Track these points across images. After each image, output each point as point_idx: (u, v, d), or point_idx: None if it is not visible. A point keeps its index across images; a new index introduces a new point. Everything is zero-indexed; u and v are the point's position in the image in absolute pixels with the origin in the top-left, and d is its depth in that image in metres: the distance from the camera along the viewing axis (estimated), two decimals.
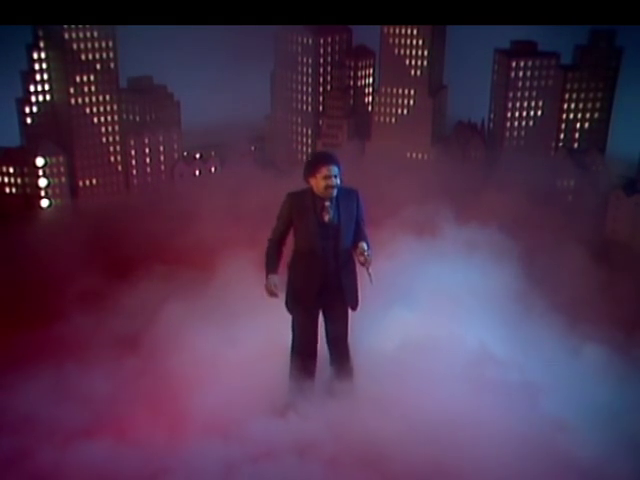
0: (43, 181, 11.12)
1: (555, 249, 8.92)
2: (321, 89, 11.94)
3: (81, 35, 10.79)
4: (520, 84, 11.55)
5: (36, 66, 11.01)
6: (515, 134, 11.82)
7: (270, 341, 5.73)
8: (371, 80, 12.16)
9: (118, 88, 11.34)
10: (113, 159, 11.68)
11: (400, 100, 11.93)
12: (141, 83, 11.69)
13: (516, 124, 11.78)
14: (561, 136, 11.85)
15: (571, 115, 11.74)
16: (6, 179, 11.23)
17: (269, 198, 5.43)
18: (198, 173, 11.96)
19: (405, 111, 11.98)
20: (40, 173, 11.08)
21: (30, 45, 10.97)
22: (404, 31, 11.49)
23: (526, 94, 11.62)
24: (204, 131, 12.00)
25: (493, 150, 11.88)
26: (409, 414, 4.97)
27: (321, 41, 11.67)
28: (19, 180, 11.21)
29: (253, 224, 7.75)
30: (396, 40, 11.58)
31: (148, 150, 11.76)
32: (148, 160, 11.81)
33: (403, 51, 11.61)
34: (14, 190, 11.26)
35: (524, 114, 11.74)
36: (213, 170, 11.98)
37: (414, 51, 11.57)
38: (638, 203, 10.60)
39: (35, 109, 11.19)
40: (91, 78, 11.06)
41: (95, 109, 11.27)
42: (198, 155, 12.11)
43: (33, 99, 11.14)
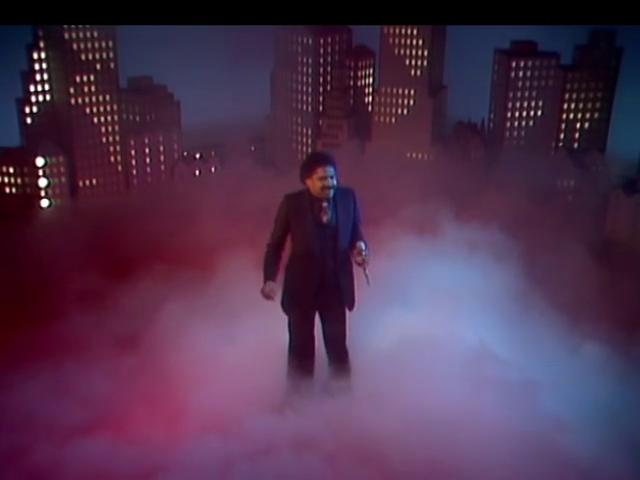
0: (43, 181, 11.13)
1: (555, 249, 8.92)
2: (321, 89, 11.94)
3: (81, 35, 10.80)
4: (520, 84, 11.56)
5: (36, 66, 11.01)
6: (515, 134, 11.83)
7: (269, 340, 5.72)
8: (371, 80, 12.17)
9: (118, 88, 11.35)
10: (113, 159, 11.68)
11: (400, 100, 11.93)
12: (141, 83, 11.70)
13: (516, 124, 11.79)
14: (561, 136, 11.86)
15: (571, 115, 11.74)
16: (6, 179, 11.24)
17: (269, 198, 5.41)
18: (198, 173, 11.97)
19: (405, 111, 11.98)
20: (40, 173, 11.09)
21: (30, 45, 10.98)
22: (404, 31, 11.50)
23: (526, 94, 11.63)
24: (204, 131, 12.01)
25: (493, 150, 11.89)
26: (408, 412, 4.96)
27: (321, 41, 11.67)
28: (19, 180, 11.22)
29: (253, 224, 7.76)
30: (396, 40, 11.58)
31: (148, 150, 11.76)
32: (148, 160, 11.81)
33: (403, 51, 11.61)
34: (14, 190, 11.27)
35: (524, 114, 11.74)
36: (213, 170, 11.99)
37: (414, 51, 11.57)
38: (638, 203, 10.61)
39: (35, 109, 11.20)
40: (91, 78, 11.07)
41: (95, 109, 11.28)
42: (198, 155, 12.13)
43: (33, 99, 11.15)
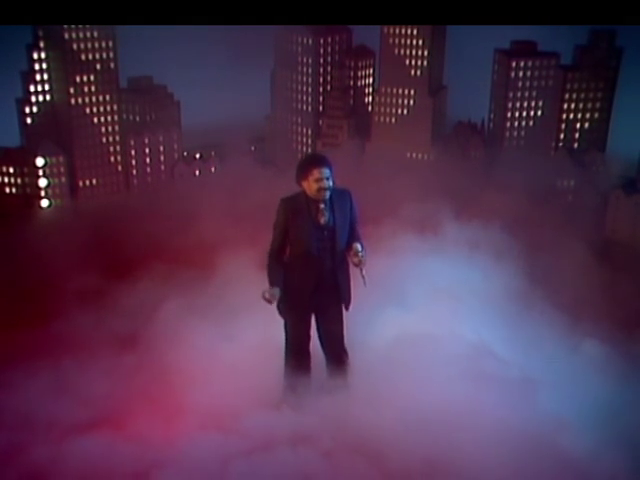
0: (43, 181, 11.14)
1: (555, 248, 8.92)
2: (321, 89, 11.95)
3: (81, 35, 10.82)
4: (520, 84, 11.56)
5: (36, 66, 11.03)
6: (515, 134, 11.83)
7: (267, 338, 5.72)
8: (371, 80, 12.18)
9: (118, 88, 11.37)
10: (113, 159, 11.69)
11: (400, 100, 11.94)
12: (141, 83, 11.72)
13: (516, 124, 11.79)
14: (561, 136, 11.86)
15: (571, 115, 11.74)
16: (6, 179, 11.25)
17: (269, 198, 5.39)
18: (198, 173, 11.97)
19: (405, 111, 11.98)
20: (40, 173, 11.10)
21: (30, 45, 11.00)
22: (404, 31, 11.51)
23: (526, 94, 11.63)
24: (204, 131, 12.01)
25: (493, 150, 11.89)
26: (406, 411, 4.94)
27: (321, 41, 11.68)
28: (19, 180, 11.23)
29: (253, 224, 7.74)
30: (396, 40, 11.59)
31: (148, 150, 11.77)
32: (148, 160, 11.82)
33: (403, 51, 11.62)
34: (14, 190, 11.28)
35: (524, 114, 11.75)
36: (213, 170, 11.99)
37: (414, 51, 11.58)
38: (638, 203, 10.62)
39: (35, 109, 11.21)
40: (91, 78, 11.09)
41: (95, 109, 11.29)
42: (198, 155, 12.14)
43: (33, 99, 11.16)
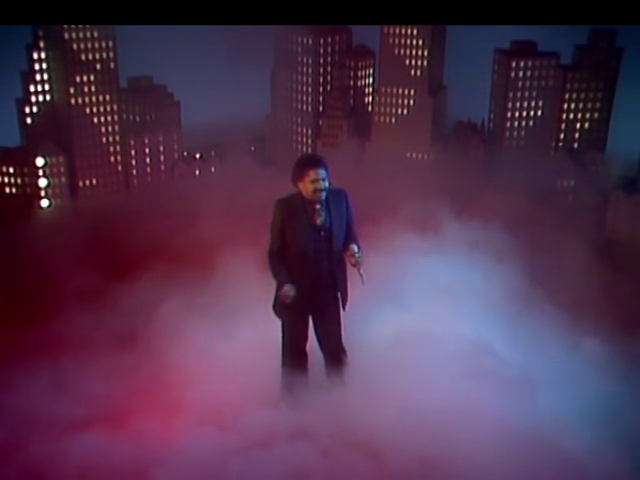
0: (43, 181, 11.14)
1: (555, 248, 8.92)
2: (321, 89, 11.95)
3: (81, 35, 10.81)
4: (520, 84, 11.56)
5: (36, 66, 11.03)
6: (515, 134, 11.83)
7: (267, 337, 5.73)
8: (371, 80, 12.18)
9: (118, 88, 11.37)
10: (113, 159, 11.69)
11: (400, 100, 11.94)
12: (141, 83, 11.71)
13: (516, 124, 11.79)
14: (561, 136, 11.85)
15: (571, 115, 11.74)
16: (6, 179, 11.25)
17: (268, 198, 5.38)
18: (198, 173, 11.97)
19: (405, 111, 11.98)
20: (40, 173, 11.10)
21: (30, 45, 10.99)
22: (404, 31, 11.51)
23: (526, 94, 11.63)
24: (204, 131, 12.01)
25: (493, 150, 11.89)
26: (404, 409, 4.96)
27: (321, 41, 11.68)
28: (19, 180, 11.23)
29: (252, 223, 7.74)
30: (396, 40, 11.59)
31: (148, 150, 11.77)
32: (148, 160, 11.82)
33: (403, 51, 11.62)
34: (14, 190, 11.28)
35: (524, 114, 11.74)
36: (213, 170, 11.99)
37: (414, 51, 11.58)
38: (638, 203, 10.61)
39: (35, 109, 11.21)
40: (91, 78, 11.09)
41: (95, 109, 11.29)
42: (198, 155, 12.13)
43: (33, 99, 11.16)
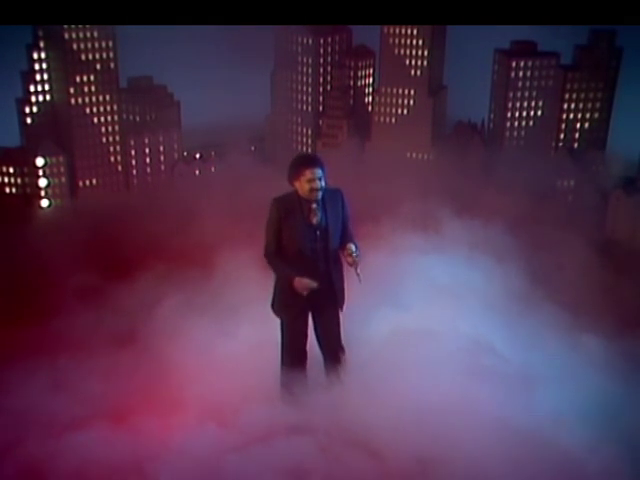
0: (43, 181, 11.14)
1: (555, 248, 8.92)
2: (321, 89, 11.96)
3: (81, 35, 10.82)
4: (520, 84, 11.55)
5: (36, 66, 11.03)
6: (515, 134, 11.83)
7: (266, 335, 5.73)
8: (371, 80, 12.18)
9: (118, 88, 11.37)
10: (113, 159, 11.69)
11: (400, 100, 11.93)
12: (141, 83, 11.71)
13: (516, 124, 11.79)
14: (561, 136, 11.85)
15: (571, 115, 11.74)
16: (6, 179, 11.25)
17: (268, 197, 5.39)
18: (198, 173, 11.96)
19: (405, 111, 11.98)
20: (40, 173, 11.10)
21: (30, 45, 11.00)
22: (404, 31, 11.50)
23: (526, 94, 11.63)
24: (204, 131, 12.01)
25: (493, 150, 11.88)
26: (403, 408, 4.96)
27: (321, 41, 11.68)
28: (19, 180, 11.24)
29: (252, 223, 7.72)
30: (396, 40, 11.59)
31: (148, 150, 11.77)
32: (148, 160, 11.83)
33: (403, 51, 11.62)
34: (14, 190, 11.29)
35: (524, 114, 11.74)
36: (213, 170, 11.99)
37: (414, 51, 11.58)
38: (638, 203, 10.60)
39: (35, 109, 11.21)
40: (91, 78, 11.09)
41: (95, 109, 11.29)
42: (198, 155, 12.13)
43: (33, 99, 11.16)
